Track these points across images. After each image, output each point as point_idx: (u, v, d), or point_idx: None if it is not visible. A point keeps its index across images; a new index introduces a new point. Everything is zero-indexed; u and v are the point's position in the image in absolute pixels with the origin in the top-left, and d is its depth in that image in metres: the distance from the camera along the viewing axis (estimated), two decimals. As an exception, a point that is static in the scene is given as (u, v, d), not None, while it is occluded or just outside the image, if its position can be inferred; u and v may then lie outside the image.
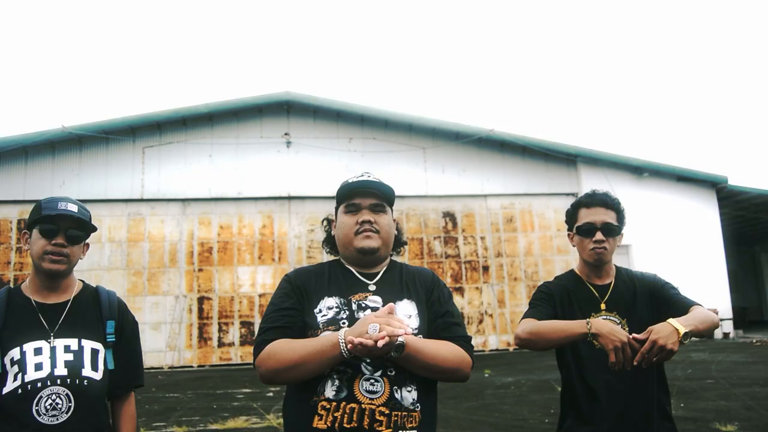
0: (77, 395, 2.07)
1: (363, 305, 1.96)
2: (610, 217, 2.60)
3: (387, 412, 1.79)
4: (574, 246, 2.69)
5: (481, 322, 17.58)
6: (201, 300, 16.62)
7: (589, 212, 2.60)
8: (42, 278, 2.20)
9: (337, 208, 2.18)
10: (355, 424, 1.76)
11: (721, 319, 18.02)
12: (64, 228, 2.16)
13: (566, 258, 18.17)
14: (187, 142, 17.22)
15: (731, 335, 18.25)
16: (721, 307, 18.26)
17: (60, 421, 2.02)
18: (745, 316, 23.26)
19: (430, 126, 18.10)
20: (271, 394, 9.86)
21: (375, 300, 1.98)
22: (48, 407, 2.02)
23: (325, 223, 2.31)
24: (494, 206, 18.31)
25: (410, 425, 1.81)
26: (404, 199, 17.82)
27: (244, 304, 16.77)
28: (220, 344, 16.48)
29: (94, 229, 2.29)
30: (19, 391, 2.02)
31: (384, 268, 2.12)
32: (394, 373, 1.84)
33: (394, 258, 2.24)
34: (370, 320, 1.71)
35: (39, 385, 2.03)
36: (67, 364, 2.09)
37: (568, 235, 2.73)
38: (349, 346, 1.71)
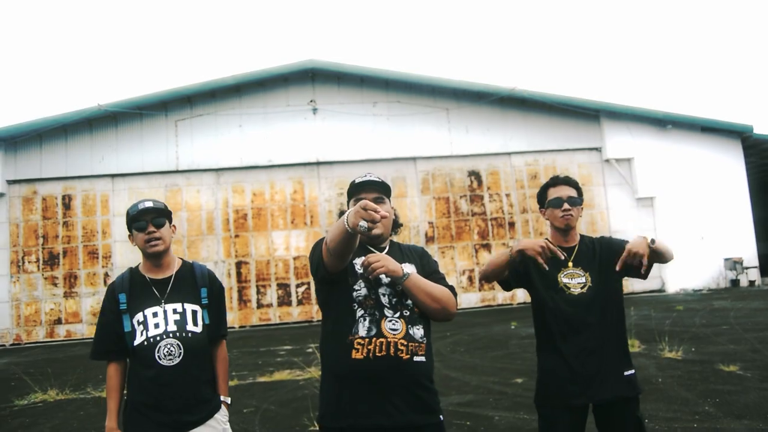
0: (184, 344, 2.82)
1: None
2: (572, 192, 3.19)
3: (405, 343, 2.45)
4: (547, 219, 3.26)
5: (508, 277, 18.07)
6: (239, 264, 17.46)
7: (556, 190, 3.20)
8: (150, 260, 2.95)
9: (348, 202, 2.75)
10: (385, 353, 2.41)
11: (746, 267, 18.29)
12: (149, 219, 2.89)
13: (591, 212, 18.48)
14: (217, 113, 17.81)
15: (757, 282, 18.50)
16: (747, 255, 18.51)
17: (174, 363, 2.79)
18: (774, 263, 23.36)
19: (453, 87, 18.37)
20: (310, 350, 10.61)
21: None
22: (166, 353, 2.79)
23: (340, 213, 2.75)
24: (518, 163, 18.64)
25: (420, 353, 2.49)
26: (429, 160, 18.27)
27: (280, 266, 17.56)
28: (259, 305, 17.36)
29: (170, 211, 3.03)
30: (146, 342, 2.80)
31: (388, 245, 2.74)
32: (408, 314, 2.52)
33: (393, 239, 2.88)
34: (360, 215, 2.16)
35: (159, 338, 2.80)
36: (175, 322, 2.85)
37: (541, 211, 3.30)
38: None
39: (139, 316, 2.84)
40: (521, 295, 18.02)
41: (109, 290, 2.95)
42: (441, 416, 2.56)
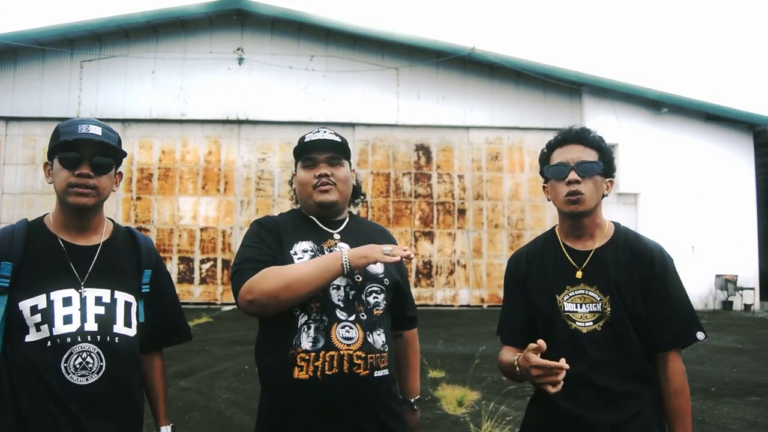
0: (108, 354, 1.86)
1: (333, 251, 2.04)
2: (589, 155, 2.02)
3: (363, 355, 1.90)
4: (549, 199, 2.12)
5: (451, 273, 15.34)
6: (138, 231, 15.10)
7: (563, 151, 2.06)
8: (69, 215, 1.94)
9: (296, 165, 2.20)
10: (337, 370, 1.86)
11: (741, 288, 15.08)
12: (89, 155, 1.89)
13: (559, 205, 15.51)
14: (129, 56, 15.36)
15: (754, 307, 15.26)
16: (746, 272, 15.31)
17: (89, 381, 1.83)
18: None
19: (404, 43, 15.49)
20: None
21: (343, 246, 2.06)
22: (77, 366, 1.81)
23: (291, 179, 2.28)
24: (477, 140, 15.71)
25: (382, 365, 1.94)
26: (371, 127, 15.52)
27: (184, 237, 15.15)
28: (156, 281, 15.03)
29: (124, 154, 1.99)
30: (48, 343, 1.80)
31: (346, 219, 2.19)
32: (366, 316, 1.95)
33: (351, 211, 2.29)
34: (377, 247, 1.88)
35: (69, 340, 1.82)
36: (98, 318, 1.87)
37: (543, 187, 2.16)
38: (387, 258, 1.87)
39: (39, 300, 1.80)
40: (464, 297, 15.27)
41: None
42: None
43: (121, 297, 1.94)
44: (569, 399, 1.91)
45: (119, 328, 1.90)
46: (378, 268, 2.05)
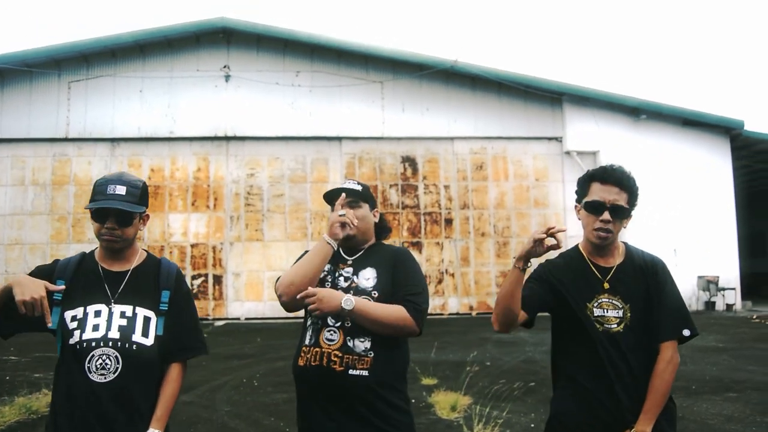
0: (125, 358, 2.24)
1: (341, 273, 2.57)
2: (622, 199, 2.39)
3: (340, 355, 2.37)
4: (579, 219, 2.50)
5: (440, 282, 15.58)
6: (129, 249, 15.23)
7: (601, 189, 2.40)
8: (105, 250, 2.40)
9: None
10: (318, 362, 2.37)
11: (722, 288, 15.47)
12: (114, 212, 2.28)
13: (544, 212, 15.86)
14: (117, 76, 15.52)
15: (736, 307, 15.64)
16: (727, 273, 15.70)
17: (107, 380, 2.20)
18: (770, 284, 20.36)
19: (388, 57, 15.80)
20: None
21: (348, 271, 2.57)
22: (98, 366, 2.20)
23: None
24: (462, 151, 16.02)
25: (360, 366, 2.35)
26: (357, 141, 15.79)
27: (175, 254, 15.29)
28: (148, 298, 15.14)
29: (145, 205, 2.42)
30: (77, 346, 2.22)
31: (364, 249, 2.64)
32: (349, 325, 2.40)
33: (384, 242, 2.76)
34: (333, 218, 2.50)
35: (93, 344, 2.22)
36: (120, 328, 2.27)
37: (575, 207, 2.55)
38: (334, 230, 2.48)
39: (78, 312, 2.27)
40: (453, 305, 15.52)
41: (46, 268, 2.38)
42: None
43: (141, 312, 2.32)
44: (598, 386, 2.31)
45: (137, 337, 2.28)
46: (368, 283, 2.49)
